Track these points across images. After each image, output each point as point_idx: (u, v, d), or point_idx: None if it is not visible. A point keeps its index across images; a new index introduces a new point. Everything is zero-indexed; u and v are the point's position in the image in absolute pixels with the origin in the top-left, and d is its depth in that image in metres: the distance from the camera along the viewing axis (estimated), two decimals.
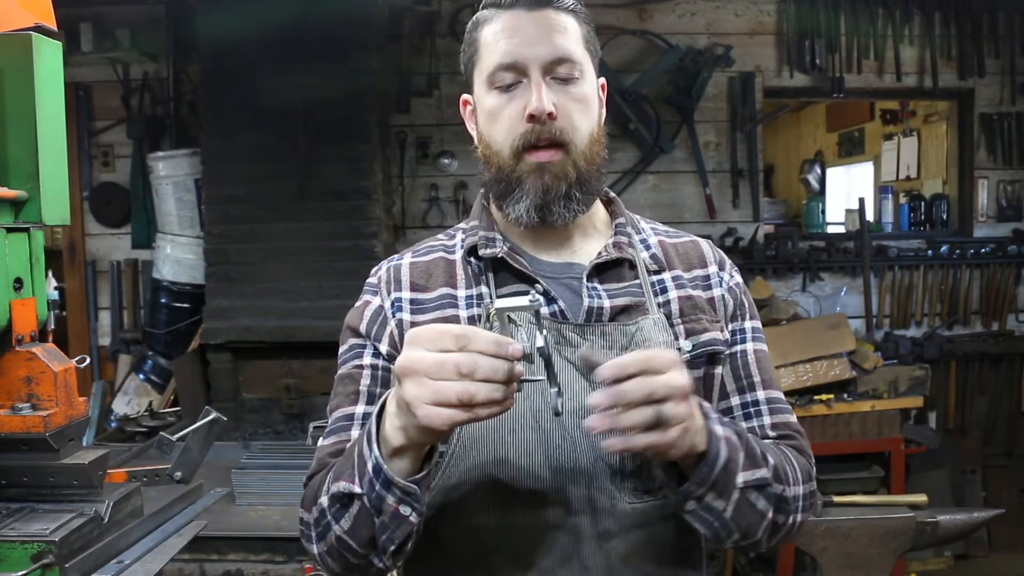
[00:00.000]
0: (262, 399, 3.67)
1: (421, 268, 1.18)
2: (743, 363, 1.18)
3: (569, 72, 1.10)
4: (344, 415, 1.13)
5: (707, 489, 0.97)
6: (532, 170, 1.10)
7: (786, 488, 1.06)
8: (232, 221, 3.62)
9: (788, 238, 4.28)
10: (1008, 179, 4.33)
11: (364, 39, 3.56)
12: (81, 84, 4.10)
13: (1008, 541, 4.20)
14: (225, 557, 2.46)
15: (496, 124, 1.12)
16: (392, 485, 0.94)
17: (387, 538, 0.97)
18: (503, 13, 1.12)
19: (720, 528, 1.00)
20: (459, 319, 1.12)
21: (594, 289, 1.13)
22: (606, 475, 1.06)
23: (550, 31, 1.10)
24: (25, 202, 1.40)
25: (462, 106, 1.22)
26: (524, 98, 1.09)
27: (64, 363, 1.44)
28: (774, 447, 1.11)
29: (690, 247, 1.24)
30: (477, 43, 1.15)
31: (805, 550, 2.71)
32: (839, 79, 4.18)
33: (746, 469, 1.00)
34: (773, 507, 1.04)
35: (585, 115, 1.13)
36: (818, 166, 7.19)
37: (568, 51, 1.10)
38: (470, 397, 0.86)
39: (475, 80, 1.16)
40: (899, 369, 3.81)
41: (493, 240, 1.16)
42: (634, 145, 4.17)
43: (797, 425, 1.19)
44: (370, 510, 0.97)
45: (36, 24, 1.42)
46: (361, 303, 1.19)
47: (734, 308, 1.20)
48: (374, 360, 1.14)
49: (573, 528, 1.06)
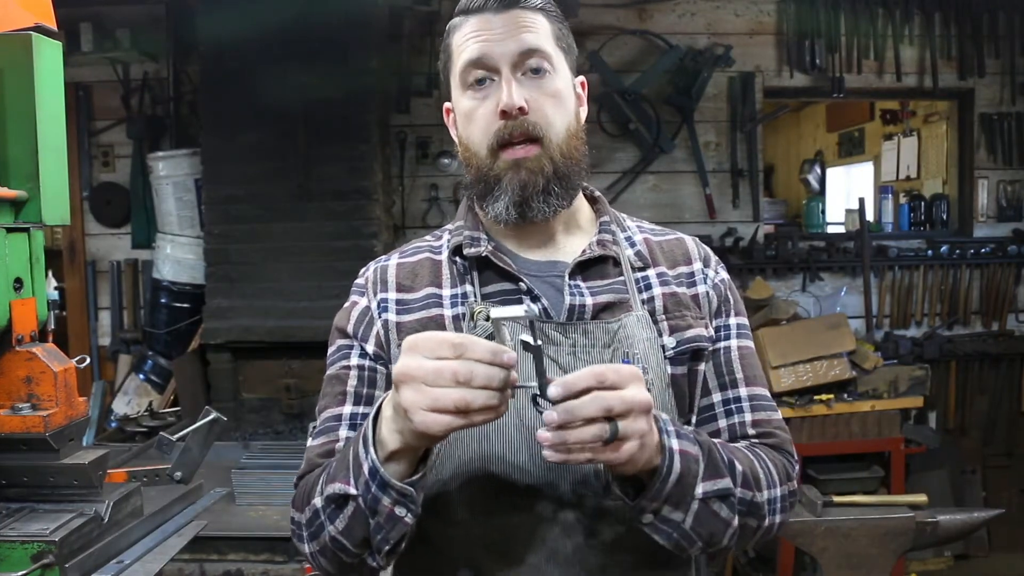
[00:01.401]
0: (262, 399, 3.67)
1: (407, 269, 1.20)
2: (726, 360, 1.17)
3: (539, 64, 1.11)
4: (332, 416, 1.14)
5: (661, 503, 0.97)
6: (508, 167, 1.11)
7: (756, 494, 1.05)
8: (232, 221, 3.62)
9: (788, 238, 4.29)
10: (1008, 179, 4.33)
11: (364, 39, 3.56)
12: (81, 84, 4.10)
13: (1008, 541, 4.20)
14: (225, 557, 2.46)
15: (472, 125, 1.13)
16: (388, 487, 0.95)
17: (382, 538, 0.98)
18: (472, 17, 1.13)
19: (680, 538, 1.00)
20: (444, 318, 1.13)
21: (576, 287, 1.13)
22: (591, 471, 1.06)
23: (518, 28, 1.11)
24: (25, 202, 1.40)
25: (445, 114, 1.23)
26: (496, 96, 1.10)
27: (64, 363, 1.44)
28: (746, 451, 1.10)
29: (675, 244, 1.24)
30: (450, 48, 1.16)
31: (805, 550, 2.71)
32: (839, 79, 4.18)
33: (707, 479, 0.99)
34: (738, 514, 1.03)
35: (559, 109, 1.13)
36: (818, 166, 7.19)
37: (536, 44, 1.11)
38: (467, 404, 0.86)
39: (452, 85, 1.17)
40: (899, 369, 3.81)
41: (478, 239, 1.17)
42: (634, 145, 4.17)
43: (780, 423, 1.18)
44: (365, 511, 0.98)
45: (36, 24, 1.42)
46: (349, 304, 1.21)
47: (718, 304, 1.20)
48: (360, 361, 1.15)
49: (560, 524, 1.06)
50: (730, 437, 1.15)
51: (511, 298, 1.13)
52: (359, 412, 1.13)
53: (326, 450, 1.12)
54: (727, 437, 1.15)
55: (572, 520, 1.06)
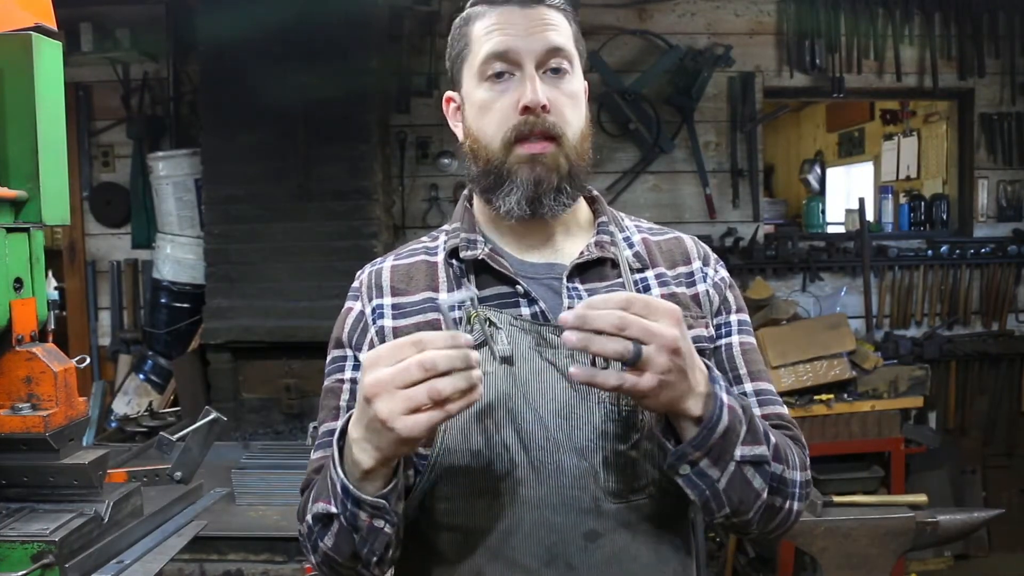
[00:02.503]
0: (262, 399, 3.67)
1: (402, 271, 1.19)
2: (728, 356, 1.17)
3: (560, 63, 1.11)
4: (327, 431, 1.15)
5: (703, 454, 0.96)
6: (524, 161, 1.10)
7: (786, 469, 1.05)
8: (232, 221, 3.62)
9: (788, 238, 4.29)
10: (1008, 179, 4.33)
11: (364, 39, 3.56)
12: (81, 84, 4.11)
13: (1008, 541, 4.20)
14: (225, 557, 2.46)
15: (487, 117, 1.12)
16: (362, 503, 0.96)
17: (368, 551, 1.00)
18: (495, 9, 1.12)
19: (711, 498, 0.99)
20: (440, 321, 1.12)
21: (575, 289, 1.13)
22: (590, 475, 1.05)
23: (543, 25, 1.11)
24: (25, 202, 1.40)
25: (445, 104, 1.22)
26: (517, 91, 1.09)
27: (64, 363, 1.44)
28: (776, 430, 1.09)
29: (674, 244, 1.23)
30: (467, 38, 1.15)
31: (805, 550, 2.71)
32: (839, 79, 4.18)
33: (746, 444, 0.99)
34: (769, 487, 1.02)
35: (576, 110, 1.13)
36: (818, 166, 7.19)
37: (561, 43, 1.11)
38: (438, 393, 0.87)
39: (464, 75, 1.16)
40: (899, 369, 3.81)
41: (475, 242, 1.16)
42: (634, 145, 4.17)
43: (789, 417, 1.18)
44: (348, 528, 1.00)
45: (36, 24, 1.42)
46: (344, 310, 1.21)
47: (719, 303, 1.19)
48: (354, 374, 1.16)
49: (558, 528, 1.06)
50: None
51: (508, 301, 1.12)
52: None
53: (320, 465, 1.13)
54: None
55: (570, 525, 1.06)
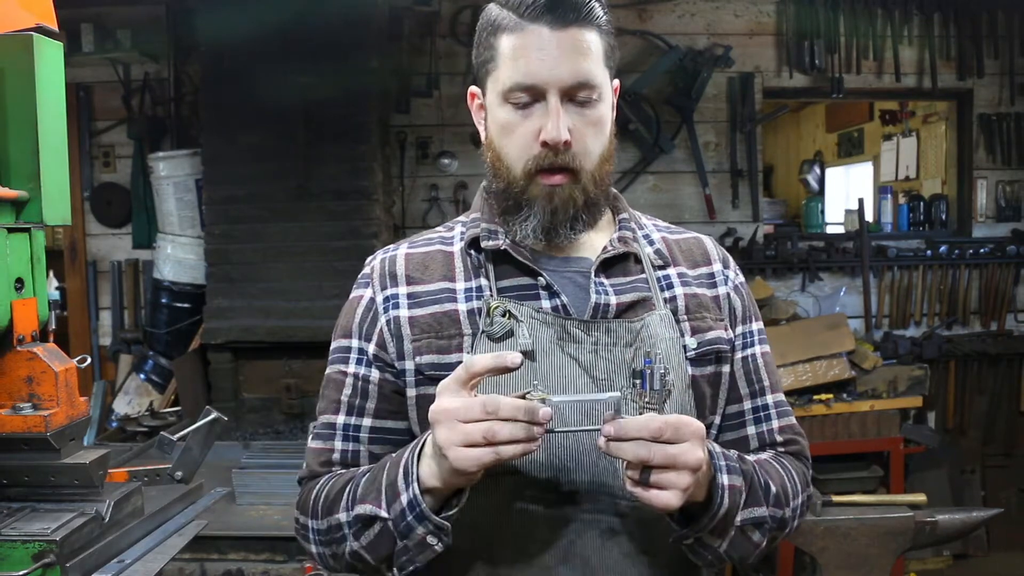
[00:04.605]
0: (262, 399, 3.68)
1: (417, 259, 1.18)
2: (754, 367, 1.19)
3: (587, 96, 1.09)
4: (327, 423, 1.16)
5: (705, 532, 1.02)
6: (543, 194, 1.10)
7: (785, 511, 1.10)
8: (232, 221, 3.62)
9: (787, 238, 4.29)
10: (1007, 179, 4.33)
11: (364, 39, 3.56)
12: (82, 84, 4.11)
13: (1007, 541, 4.20)
14: (226, 556, 2.47)
15: (509, 139, 1.11)
16: (426, 519, 0.98)
17: (407, 559, 1.02)
18: (526, 27, 1.07)
19: (714, 559, 1.06)
20: (458, 312, 1.12)
21: (601, 284, 1.13)
22: (608, 473, 1.06)
23: (573, 53, 1.06)
24: (26, 202, 1.40)
25: (470, 98, 1.20)
26: (540, 120, 1.08)
27: (65, 363, 1.44)
28: (777, 465, 1.13)
29: (693, 244, 1.24)
30: (495, 50, 1.11)
31: (805, 550, 2.71)
32: (838, 79, 4.18)
33: (746, 507, 1.04)
34: (768, 538, 1.08)
35: (598, 137, 1.12)
36: (817, 166, 7.19)
37: (589, 76, 1.08)
38: (493, 434, 0.90)
39: (488, 87, 1.14)
40: (898, 369, 3.81)
41: (496, 232, 1.15)
42: (634, 145, 4.17)
43: (798, 427, 1.21)
44: (394, 534, 1.01)
45: (37, 25, 1.42)
46: (354, 297, 1.19)
47: (742, 310, 1.20)
48: (357, 368, 1.15)
49: (574, 525, 1.07)
50: (759, 444, 1.18)
51: (528, 293, 1.12)
52: (351, 423, 1.14)
53: (324, 459, 1.14)
54: (756, 444, 1.18)
55: (586, 522, 1.07)
